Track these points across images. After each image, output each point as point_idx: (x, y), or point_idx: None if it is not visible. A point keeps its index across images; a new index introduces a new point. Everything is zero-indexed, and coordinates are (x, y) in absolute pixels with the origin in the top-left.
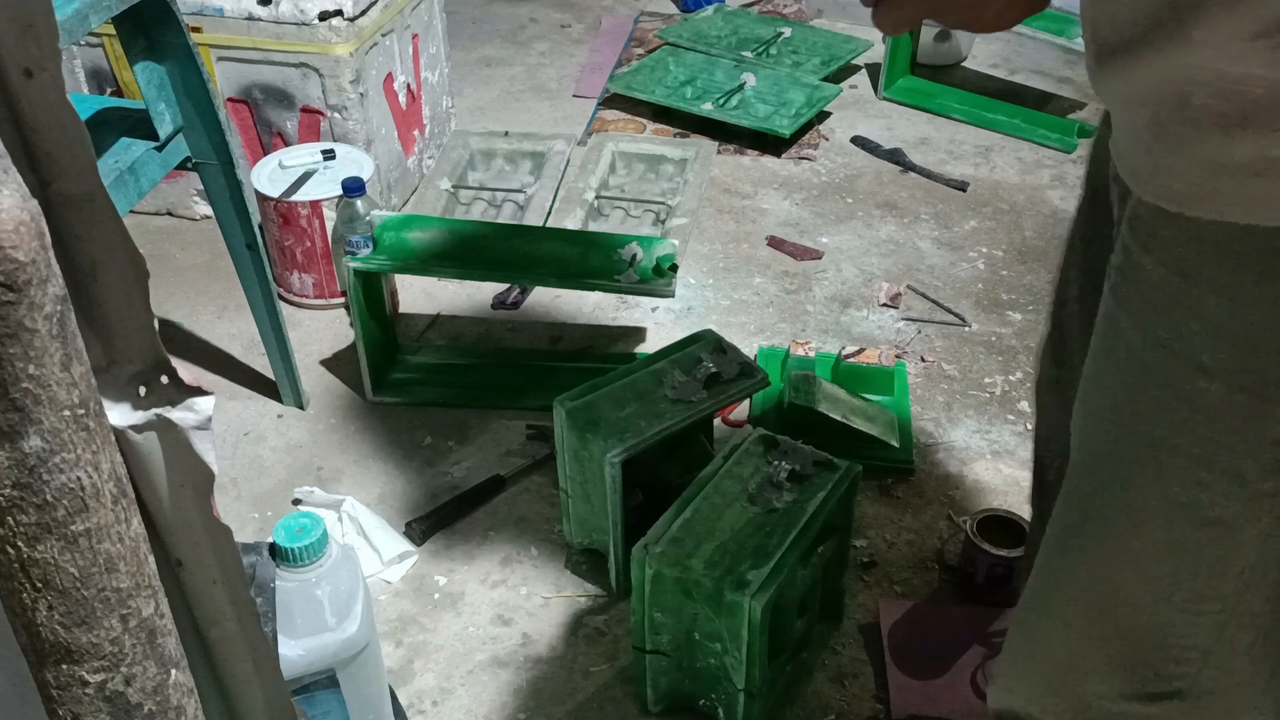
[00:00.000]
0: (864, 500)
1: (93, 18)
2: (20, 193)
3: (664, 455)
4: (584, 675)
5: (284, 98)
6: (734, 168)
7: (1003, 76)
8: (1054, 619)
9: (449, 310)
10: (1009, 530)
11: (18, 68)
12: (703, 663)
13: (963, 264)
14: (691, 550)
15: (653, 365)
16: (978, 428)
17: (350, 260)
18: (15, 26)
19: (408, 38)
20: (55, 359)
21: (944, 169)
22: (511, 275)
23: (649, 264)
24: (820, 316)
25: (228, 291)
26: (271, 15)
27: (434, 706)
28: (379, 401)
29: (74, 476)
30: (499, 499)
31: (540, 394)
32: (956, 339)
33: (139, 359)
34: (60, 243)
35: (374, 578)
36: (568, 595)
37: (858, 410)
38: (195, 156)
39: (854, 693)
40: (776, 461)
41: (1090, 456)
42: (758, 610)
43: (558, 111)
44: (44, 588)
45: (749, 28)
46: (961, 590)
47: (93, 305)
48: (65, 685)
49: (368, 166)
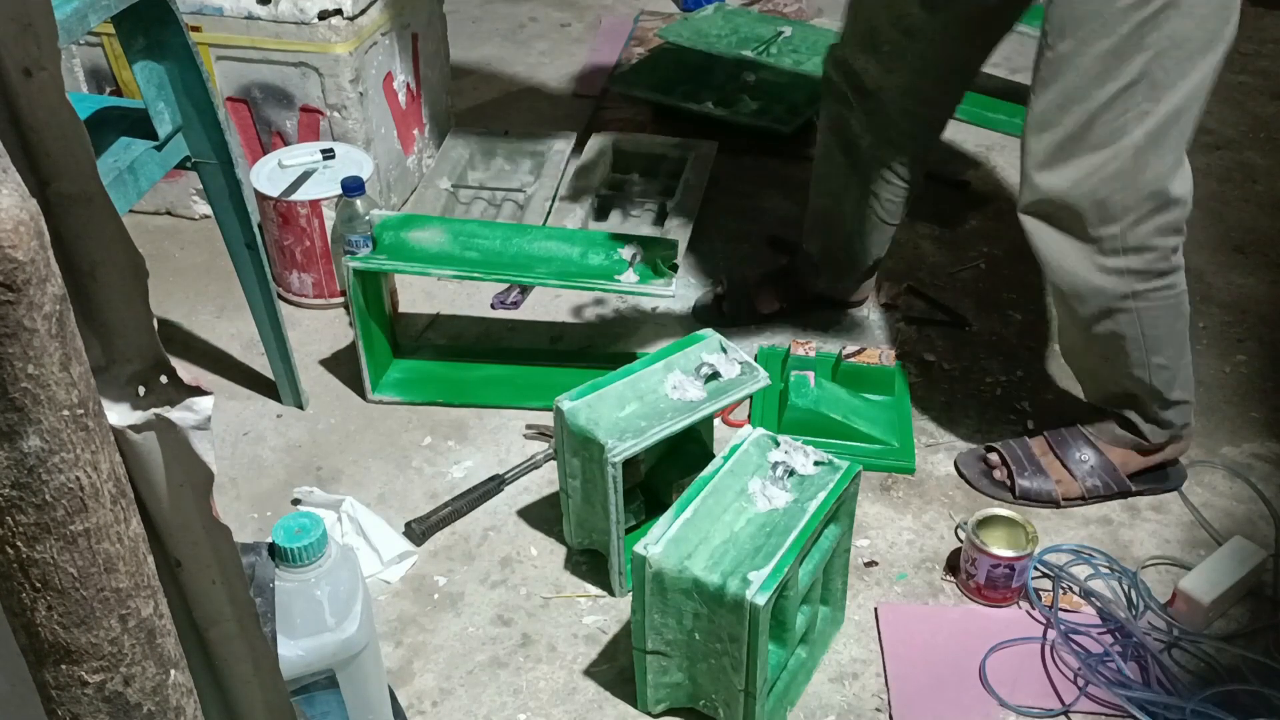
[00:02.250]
0: (864, 500)
1: (92, 17)
2: (20, 192)
3: (664, 455)
4: (584, 675)
5: (283, 97)
6: (734, 167)
7: (1003, 76)
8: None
9: (449, 310)
10: (1009, 530)
11: (17, 67)
12: (702, 663)
13: (963, 263)
14: (691, 550)
15: (653, 365)
16: (978, 428)
17: (350, 260)
18: (14, 26)
19: (407, 37)
20: (54, 359)
21: (944, 169)
22: (511, 275)
23: (649, 264)
24: (820, 316)
25: (227, 291)
26: (271, 14)
27: (433, 707)
28: (379, 401)
29: (73, 476)
30: (499, 499)
31: (540, 394)
32: (957, 339)
33: (138, 359)
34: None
35: (373, 578)
36: (568, 595)
37: (858, 410)
38: (194, 156)
39: (854, 693)
40: (777, 461)
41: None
42: (758, 610)
43: (558, 111)
44: (43, 588)
45: (749, 26)
46: (961, 590)
47: (92, 305)
48: (64, 685)
49: (367, 166)
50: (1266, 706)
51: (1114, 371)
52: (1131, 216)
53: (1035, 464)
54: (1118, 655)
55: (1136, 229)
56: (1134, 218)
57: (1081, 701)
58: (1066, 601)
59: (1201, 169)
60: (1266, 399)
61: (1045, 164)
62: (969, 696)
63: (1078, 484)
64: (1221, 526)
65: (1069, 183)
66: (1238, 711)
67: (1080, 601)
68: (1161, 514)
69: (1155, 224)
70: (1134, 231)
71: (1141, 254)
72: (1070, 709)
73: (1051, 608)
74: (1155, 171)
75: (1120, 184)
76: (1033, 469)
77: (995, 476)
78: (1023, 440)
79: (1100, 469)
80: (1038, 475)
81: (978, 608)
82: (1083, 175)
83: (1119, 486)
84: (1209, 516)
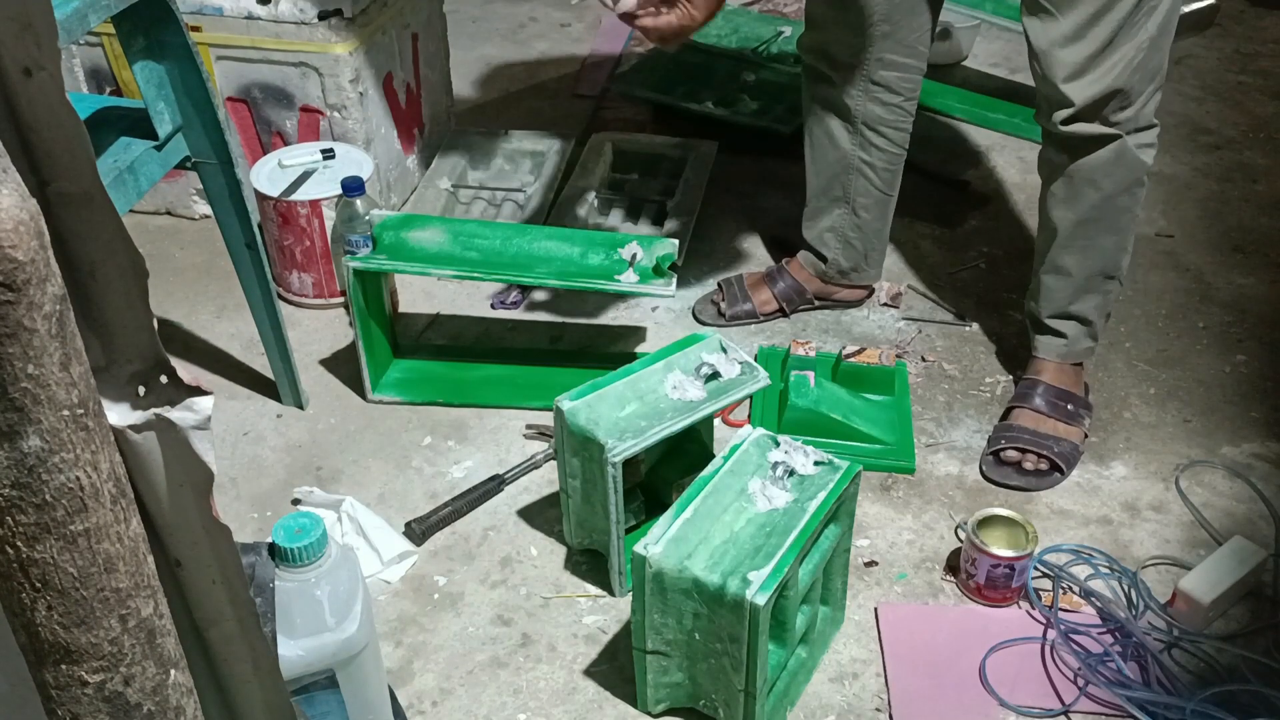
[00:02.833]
0: (864, 500)
1: (92, 17)
2: (19, 192)
3: (664, 455)
4: (584, 675)
5: (283, 97)
6: (734, 167)
7: (1003, 76)
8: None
9: (449, 310)
10: (1009, 530)
11: (17, 67)
12: (703, 663)
13: (963, 263)
14: (691, 550)
15: (653, 365)
16: (978, 428)
17: (350, 260)
18: (14, 25)
19: (407, 37)
20: (54, 358)
21: (944, 169)
22: (511, 275)
23: (649, 264)
24: (820, 316)
25: (227, 291)
26: (271, 14)
27: (433, 707)
28: (378, 401)
29: (73, 476)
30: (499, 499)
31: (540, 394)
32: (957, 338)
33: (138, 358)
34: (59, 242)
35: (373, 578)
36: (568, 595)
37: (858, 410)
38: (194, 156)
39: (854, 693)
40: (777, 461)
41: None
42: (758, 610)
43: (558, 111)
44: (43, 588)
45: (749, 26)
46: (961, 590)
47: (92, 305)
48: (64, 685)
49: (367, 166)
50: (1266, 706)
51: (1103, 263)
52: (1144, 98)
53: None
54: (1118, 655)
55: (1145, 108)
56: (1145, 98)
57: (1081, 701)
58: (1066, 601)
59: (1201, 169)
60: (1266, 399)
61: (1077, 73)
62: (969, 696)
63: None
64: (1221, 526)
65: (1101, 84)
66: (1238, 711)
67: (1080, 601)
68: (1161, 514)
69: (1156, 101)
70: (1143, 111)
71: (1150, 130)
72: (1070, 709)
73: (1051, 608)
74: (1161, 54)
75: (1140, 73)
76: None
77: (1025, 466)
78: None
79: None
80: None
81: (978, 608)
82: (1114, 73)
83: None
84: (1209, 516)
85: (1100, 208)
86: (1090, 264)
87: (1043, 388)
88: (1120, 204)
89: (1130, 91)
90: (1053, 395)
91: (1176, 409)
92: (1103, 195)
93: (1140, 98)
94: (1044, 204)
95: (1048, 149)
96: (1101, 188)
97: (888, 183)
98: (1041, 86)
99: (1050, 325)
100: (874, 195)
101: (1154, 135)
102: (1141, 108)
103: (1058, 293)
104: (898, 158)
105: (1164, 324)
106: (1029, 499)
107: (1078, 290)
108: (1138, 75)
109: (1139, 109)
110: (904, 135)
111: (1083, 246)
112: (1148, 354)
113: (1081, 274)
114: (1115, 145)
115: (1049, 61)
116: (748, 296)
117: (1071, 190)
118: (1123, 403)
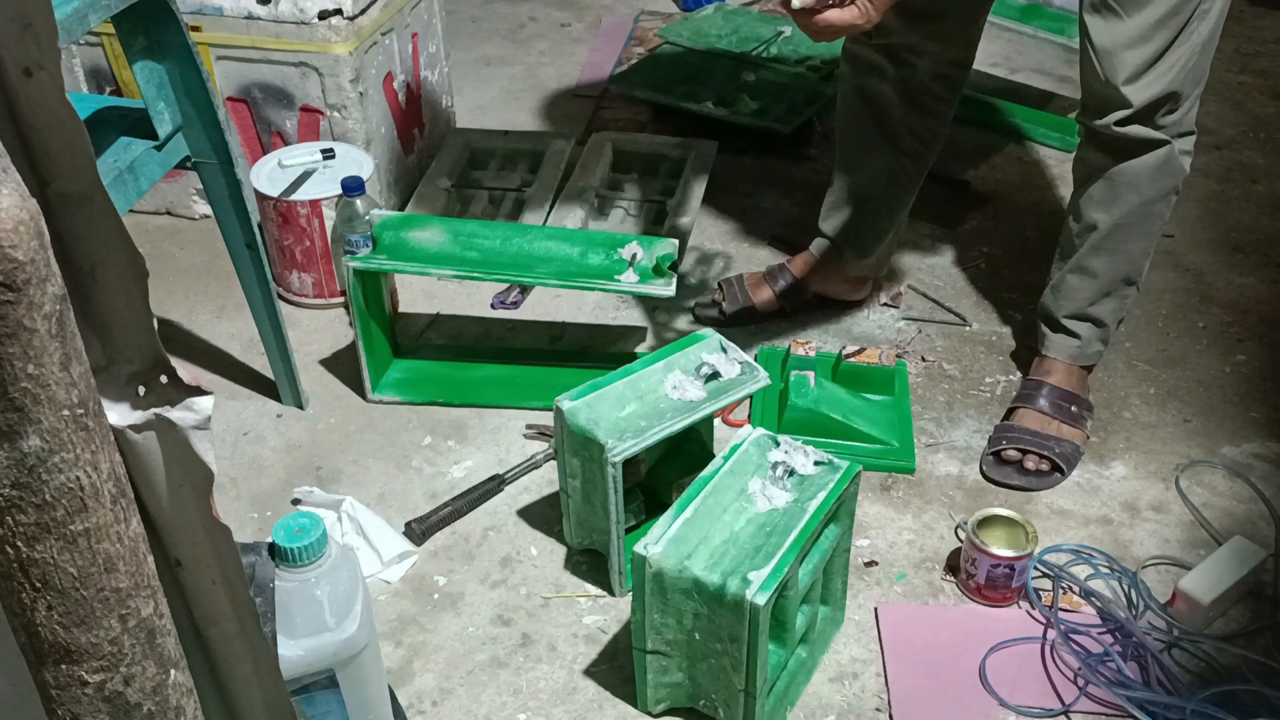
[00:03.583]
0: (864, 500)
1: (92, 17)
2: (19, 192)
3: (664, 455)
4: (584, 675)
5: (283, 97)
6: (734, 167)
7: (1003, 76)
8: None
9: (449, 310)
10: (1009, 530)
11: (17, 67)
12: (703, 663)
13: (963, 263)
14: (691, 550)
15: (653, 365)
16: (978, 428)
17: (350, 260)
18: (15, 25)
19: (407, 36)
20: (54, 358)
21: (944, 168)
22: (511, 275)
23: (649, 264)
24: (820, 316)
25: (227, 291)
26: (271, 14)
27: (433, 707)
28: (379, 401)
29: (73, 476)
30: (499, 499)
31: (540, 394)
32: (957, 338)
33: (138, 358)
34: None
35: (373, 578)
36: (568, 595)
37: (858, 410)
38: (194, 155)
39: (854, 693)
40: (777, 461)
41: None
42: (758, 610)
43: (558, 110)
44: (43, 588)
45: (749, 26)
46: (961, 590)
47: (92, 305)
48: (64, 685)
49: (367, 166)
50: (1266, 706)
51: (1129, 267)
52: (1189, 102)
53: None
54: (1118, 655)
55: (1190, 113)
56: (1190, 103)
57: (1081, 701)
58: (1066, 601)
59: (1201, 169)
60: (1266, 399)
61: (1137, 74)
62: (969, 696)
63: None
64: (1221, 526)
65: (1158, 86)
66: (1238, 711)
67: (1080, 601)
68: (1161, 514)
69: (1197, 108)
70: (1187, 116)
71: (1190, 136)
72: (1070, 709)
73: (1051, 608)
74: (1208, 59)
75: (1191, 76)
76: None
77: (1026, 466)
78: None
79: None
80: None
81: (978, 608)
82: (1169, 75)
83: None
84: (1209, 516)
85: (1137, 212)
86: (1117, 268)
87: (1048, 389)
88: (1156, 210)
89: (1181, 94)
90: (1057, 397)
91: (1176, 409)
92: (1142, 200)
93: (1187, 101)
94: (1077, 205)
95: (1088, 150)
96: (1143, 192)
97: (914, 177)
98: (1095, 86)
99: (1066, 325)
100: (903, 186)
101: (1192, 143)
102: (1187, 112)
103: (1080, 293)
104: (932, 155)
105: (1164, 324)
106: (1029, 499)
107: (1099, 293)
108: (1189, 79)
109: (1184, 113)
110: (943, 135)
111: (1113, 250)
112: (1148, 354)
113: (1107, 277)
114: (1163, 151)
115: (1112, 62)
116: (748, 296)
117: (1111, 193)
118: (1123, 403)
